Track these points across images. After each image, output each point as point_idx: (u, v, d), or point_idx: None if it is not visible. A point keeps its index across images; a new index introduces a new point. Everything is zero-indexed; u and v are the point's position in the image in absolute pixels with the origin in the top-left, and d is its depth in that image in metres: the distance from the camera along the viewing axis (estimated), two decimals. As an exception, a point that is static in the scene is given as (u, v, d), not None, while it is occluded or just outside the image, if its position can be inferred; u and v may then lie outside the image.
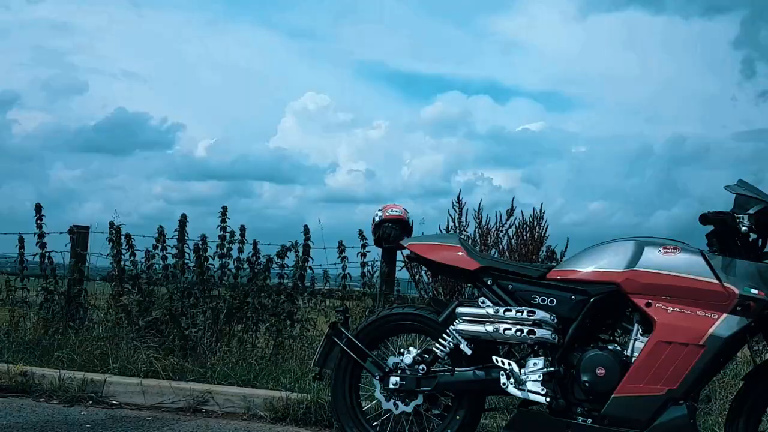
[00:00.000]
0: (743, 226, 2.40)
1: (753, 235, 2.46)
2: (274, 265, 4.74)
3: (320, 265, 4.85)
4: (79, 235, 5.06)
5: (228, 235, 4.89)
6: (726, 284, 2.36)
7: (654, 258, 2.50)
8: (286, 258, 4.74)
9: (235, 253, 4.87)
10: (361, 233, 4.74)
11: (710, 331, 2.34)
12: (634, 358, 2.45)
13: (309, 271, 4.78)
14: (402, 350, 2.94)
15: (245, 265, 4.82)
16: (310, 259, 4.77)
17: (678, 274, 2.44)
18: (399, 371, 2.86)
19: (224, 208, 4.95)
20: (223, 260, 4.87)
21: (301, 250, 4.75)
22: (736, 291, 2.34)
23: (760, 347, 2.89)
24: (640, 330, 2.50)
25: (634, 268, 2.50)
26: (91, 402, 3.79)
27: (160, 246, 4.95)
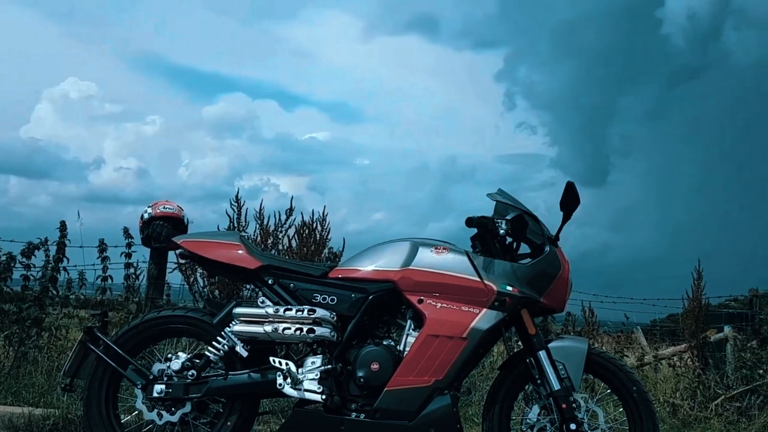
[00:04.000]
0: (501, 230, 2.80)
1: (509, 239, 2.87)
2: (18, 265, 4.30)
3: (76, 266, 4.55)
4: None
5: (-44, 228, 4.33)
6: (486, 282, 2.72)
7: (426, 257, 2.79)
8: (33, 257, 4.33)
9: (-33, 251, 4.32)
10: (126, 231, 4.54)
11: (472, 324, 2.68)
12: (406, 353, 2.70)
13: (63, 272, 4.43)
14: (170, 356, 2.89)
15: (-21, 265, 4.30)
16: (64, 258, 4.43)
17: (446, 272, 2.75)
18: (165, 378, 2.81)
19: (-49, 197, 4.37)
20: (-50, 258, 4.30)
21: (54, 247, 4.37)
22: (495, 288, 2.71)
23: (514, 341, 3.35)
24: (413, 325, 2.75)
25: (409, 267, 2.77)
26: None
27: None
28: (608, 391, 2.88)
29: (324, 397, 2.70)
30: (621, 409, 2.85)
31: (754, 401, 4.89)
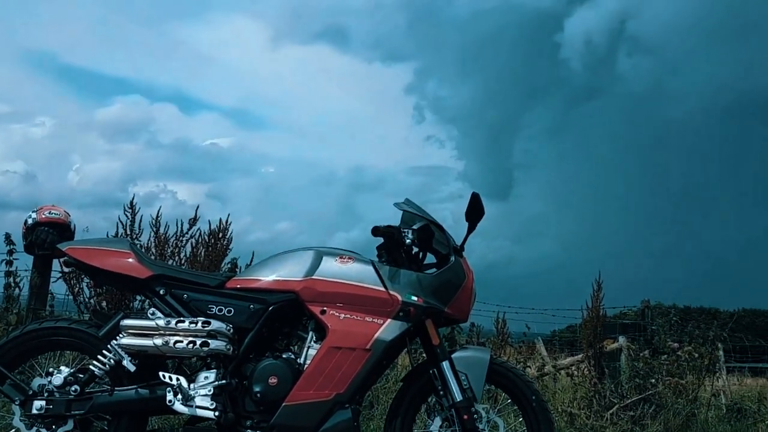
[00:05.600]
0: (407, 239, 2.77)
1: (415, 248, 2.84)
2: None
3: (-49, 273, 4.20)
4: None
5: None
6: (391, 291, 2.68)
7: (330, 267, 2.72)
8: None
9: None
10: (8, 237, 4.26)
11: (376, 335, 2.62)
12: (306, 366, 2.62)
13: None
14: (51, 370, 2.71)
15: None
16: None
17: (351, 282, 2.69)
18: (46, 394, 2.63)
19: None
20: None
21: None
22: (400, 298, 2.68)
23: (418, 353, 3.34)
24: (315, 337, 2.68)
25: (312, 277, 2.69)
26: None
27: None
28: (509, 401, 2.91)
29: (217, 413, 2.57)
30: (521, 419, 2.88)
31: (647, 410, 5.11)
